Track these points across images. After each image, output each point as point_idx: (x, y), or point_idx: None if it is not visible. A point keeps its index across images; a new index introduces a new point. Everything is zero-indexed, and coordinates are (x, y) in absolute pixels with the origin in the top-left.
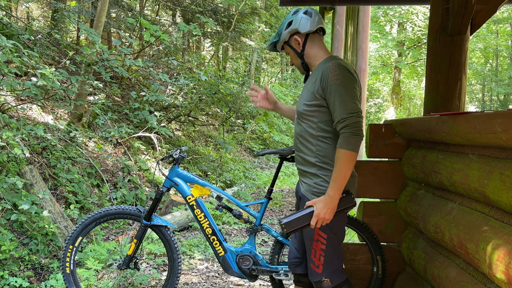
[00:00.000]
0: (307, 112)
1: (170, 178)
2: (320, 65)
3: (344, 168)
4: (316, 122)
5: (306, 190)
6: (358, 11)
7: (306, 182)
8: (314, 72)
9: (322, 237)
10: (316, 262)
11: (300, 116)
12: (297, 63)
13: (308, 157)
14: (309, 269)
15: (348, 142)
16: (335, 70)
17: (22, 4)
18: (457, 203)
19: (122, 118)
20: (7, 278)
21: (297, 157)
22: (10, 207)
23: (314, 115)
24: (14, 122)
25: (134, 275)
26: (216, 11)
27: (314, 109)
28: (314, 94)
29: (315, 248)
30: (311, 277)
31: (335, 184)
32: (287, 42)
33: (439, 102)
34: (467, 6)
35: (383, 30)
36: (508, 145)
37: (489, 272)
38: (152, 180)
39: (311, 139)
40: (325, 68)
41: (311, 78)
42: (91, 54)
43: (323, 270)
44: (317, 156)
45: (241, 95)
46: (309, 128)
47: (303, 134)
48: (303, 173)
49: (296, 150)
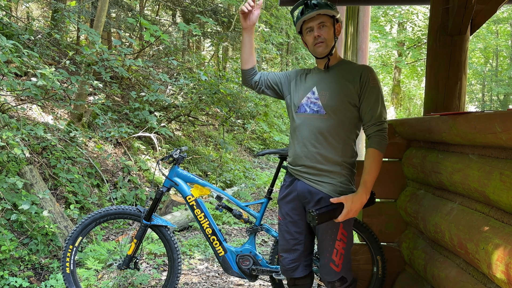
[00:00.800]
0: (345, 110)
1: (170, 178)
2: (349, 65)
3: (378, 168)
4: (347, 121)
5: (331, 190)
6: (358, 11)
7: (327, 181)
8: (341, 69)
9: (345, 236)
10: (337, 262)
11: (333, 112)
12: (330, 40)
13: (332, 156)
14: (327, 269)
15: (382, 145)
16: (374, 75)
17: (22, 4)
18: (457, 203)
19: (122, 118)
20: (7, 278)
21: (314, 155)
22: (10, 207)
23: (348, 114)
24: (14, 122)
25: (134, 275)
26: (216, 11)
27: (350, 107)
28: (353, 92)
29: (337, 247)
30: (327, 277)
31: (367, 184)
32: (335, 18)
33: (439, 102)
34: (467, 6)
35: (383, 30)
36: (508, 145)
37: (489, 272)
38: (152, 180)
39: (338, 138)
40: (363, 71)
41: (340, 76)
42: (91, 54)
43: (342, 269)
44: (343, 155)
45: (241, 95)
46: (341, 125)
47: (331, 131)
48: (320, 172)
49: (312, 146)
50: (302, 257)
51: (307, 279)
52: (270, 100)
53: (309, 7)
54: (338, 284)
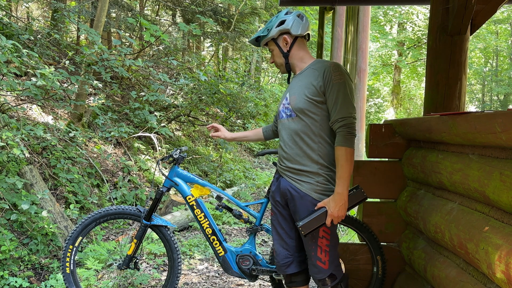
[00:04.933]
0: (311, 108)
1: (170, 178)
2: (315, 64)
3: (348, 165)
4: (319, 120)
5: (309, 189)
6: (358, 11)
7: (305, 180)
8: (308, 71)
9: (327, 233)
10: (323, 259)
11: (301, 112)
12: (279, 62)
13: (308, 155)
14: (314, 267)
15: (349, 140)
16: (338, 71)
17: (22, 4)
18: (457, 203)
19: (122, 118)
20: (7, 278)
21: (293, 156)
22: (10, 207)
23: (317, 112)
24: (14, 122)
25: (134, 275)
26: (216, 11)
27: (318, 105)
28: (317, 90)
29: (320, 245)
30: (317, 275)
31: (342, 181)
32: (275, 39)
33: (439, 102)
34: (467, 6)
35: (383, 30)
36: (508, 145)
37: (489, 272)
38: (152, 180)
39: (313, 137)
40: (326, 67)
41: (307, 77)
42: (90, 54)
43: (329, 266)
44: (319, 154)
45: (241, 95)
46: (312, 125)
47: (305, 131)
48: (299, 172)
49: (289, 148)
50: (295, 253)
51: (302, 275)
52: (270, 100)
53: (257, 41)
54: (329, 281)
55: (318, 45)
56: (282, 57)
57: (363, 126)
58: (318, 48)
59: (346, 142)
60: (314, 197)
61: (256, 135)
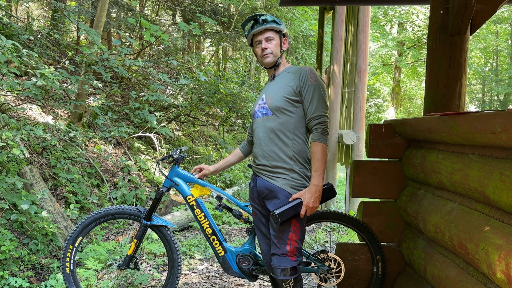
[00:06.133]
0: (287, 107)
1: (170, 178)
2: (289, 69)
3: (324, 159)
4: (294, 117)
5: (284, 184)
6: (358, 11)
7: (280, 177)
8: (284, 75)
9: (297, 228)
10: (291, 252)
11: (278, 110)
12: (276, 52)
13: (283, 152)
14: (281, 258)
15: (324, 137)
16: (313, 74)
17: (22, 4)
18: (457, 203)
19: (122, 118)
20: (7, 278)
21: (268, 153)
22: (10, 207)
23: (293, 111)
24: (14, 122)
25: (134, 275)
26: (216, 11)
27: (294, 104)
28: (293, 90)
29: (290, 239)
30: (282, 264)
31: (318, 174)
32: (281, 32)
33: (439, 102)
34: (467, 6)
35: (383, 30)
36: (508, 145)
37: (489, 272)
38: (152, 180)
39: (288, 134)
40: (302, 70)
41: (283, 79)
42: (90, 54)
43: (296, 259)
44: (293, 151)
45: (241, 95)
46: (287, 123)
47: (280, 128)
48: (274, 168)
49: (265, 145)
50: None
51: None
52: None
53: (258, 22)
54: (292, 272)
55: (318, 45)
56: (279, 51)
57: (363, 126)
58: (318, 48)
59: (322, 138)
60: (289, 192)
61: (236, 156)
